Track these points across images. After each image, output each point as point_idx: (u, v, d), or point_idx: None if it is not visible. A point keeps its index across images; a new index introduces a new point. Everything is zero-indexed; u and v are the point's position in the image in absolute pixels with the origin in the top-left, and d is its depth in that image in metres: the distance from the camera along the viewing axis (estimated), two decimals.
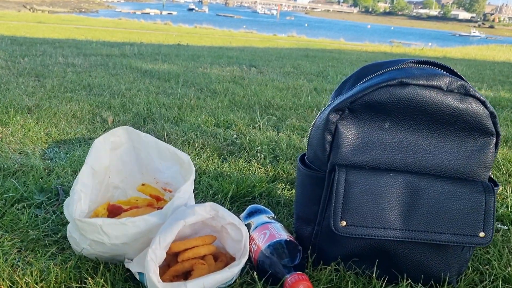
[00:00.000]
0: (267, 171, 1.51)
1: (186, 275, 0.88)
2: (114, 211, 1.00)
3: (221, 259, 0.92)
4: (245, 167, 1.53)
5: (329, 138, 0.91)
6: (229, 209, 1.24)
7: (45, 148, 1.65)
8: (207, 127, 2.00)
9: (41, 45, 5.02)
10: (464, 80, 0.88)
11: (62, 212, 1.18)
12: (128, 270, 0.91)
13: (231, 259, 0.92)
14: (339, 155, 0.90)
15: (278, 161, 1.62)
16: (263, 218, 1.04)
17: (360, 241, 0.91)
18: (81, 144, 1.70)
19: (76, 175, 1.26)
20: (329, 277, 0.93)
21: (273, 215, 1.09)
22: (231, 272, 0.81)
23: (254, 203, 1.29)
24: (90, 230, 0.85)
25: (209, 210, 0.85)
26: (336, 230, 0.88)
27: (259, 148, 1.73)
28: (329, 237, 0.94)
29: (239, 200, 1.29)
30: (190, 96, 2.63)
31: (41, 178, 1.37)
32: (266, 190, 1.35)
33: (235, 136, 1.88)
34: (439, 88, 0.86)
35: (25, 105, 2.14)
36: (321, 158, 0.92)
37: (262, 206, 1.11)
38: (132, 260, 0.91)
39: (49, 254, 0.98)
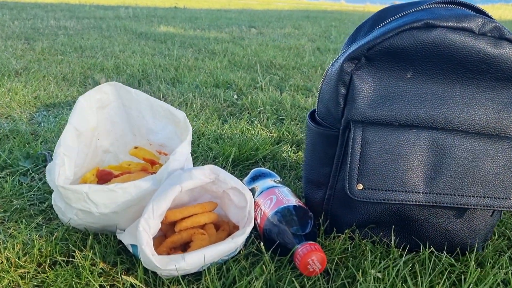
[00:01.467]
0: (270, 133, 1.41)
1: (184, 247, 0.79)
2: (104, 177, 0.90)
3: (223, 228, 0.82)
4: (247, 128, 1.42)
5: (343, 90, 0.80)
6: (231, 174, 1.14)
7: (33, 112, 1.55)
8: (205, 88, 1.88)
9: (32, 9, 4.84)
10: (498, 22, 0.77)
11: None
12: (120, 242, 0.82)
13: (234, 228, 0.83)
14: (354, 109, 0.79)
15: (282, 122, 1.51)
16: (268, 182, 0.95)
17: (378, 206, 0.82)
18: (71, 107, 1.59)
19: None
20: (343, 246, 0.84)
21: (279, 178, 1.00)
22: (235, 242, 0.72)
23: (258, 167, 1.19)
24: (75, 198, 0.75)
25: (208, 174, 0.75)
26: (352, 194, 0.78)
27: (262, 108, 1.63)
28: (343, 202, 0.85)
29: (241, 164, 1.19)
30: (187, 57, 2.50)
31: (28, 143, 1.27)
32: (270, 153, 1.25)
33: (235, 96, 1.77)
34: (470, 30, 0.75)
35: (13, 68, 2.02)
36: (334, 114, 0.82)
37: (267, 169, 1.02)
38: (124, 231, 0.82)
39: (34, 225, 0.89)
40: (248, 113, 1.59)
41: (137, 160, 0.97)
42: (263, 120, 1.51)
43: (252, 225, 0.75)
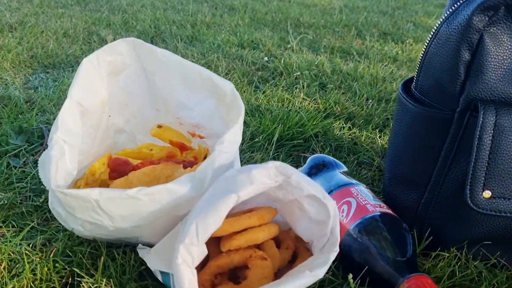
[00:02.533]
0: (316, 104, 1.16)
1: (234, 273, 0.57)
2: (118, 168, 0.67)
3: (287, 244, 0.59)
4: (286, 98, 1.18)
5: (466, 56, 0.55)
6: (273, 158, 0.91)
7: (28, 75, 1.30)
8: (229, 47, 1.62)
9: None
10: None
11: None
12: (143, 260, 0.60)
13: (298, 241, 0.60)
14: (482, 83, 0.55)
15: (326, 91, 1.26)
16: (338, 176, 0.71)
17: (504, 219, 0.58)
18: (74, 68, 1.34)
19: None
20: (447, 269, 0.61)
21: (346, 169, 0.76)
22: (315, 276, 0.49)
23: (306, 149, 0.95)
24: (80, 207, 0.52)
25: (274, 175, 0.52)
26: (474, 204, 0.55)
27: (299, 73, 1.37)
28: (448, 210, 0.61)
29: (286, 145, 0.95)
30: (203, 12, 2.21)
31: (21, 113, 1.03)
32: (321, 130, 1.01)
33: (265, 58, 1.51)
34: None
35: (6, 22, 1.76)
36: (447, 89, 0.57)
37: (330, 157, 0.78)
38: (148, 247, 0.59)
39: (25, 231, 0.66)
40: (283, 78, 1.34)
41: (161, 143, 0.74)
42: (303, 87, 1.26)
43: (337, 249, 0.52)
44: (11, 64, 1.35)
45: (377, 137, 1.00)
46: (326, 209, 0.53)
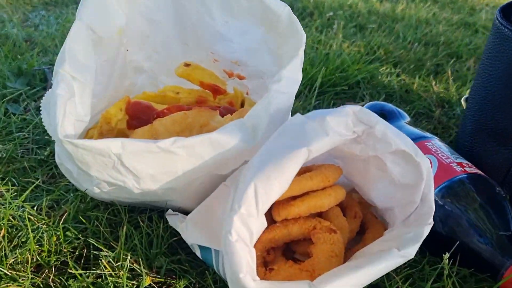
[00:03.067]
0: (357, 47, 1.01)
1: (288, 248, 0.45)
2: (139, 115, 0.54)
3: (353, 211, 0.48)
4: (323, 40, 1.03)
5: None
6: (315, 107, 0.78)
7: (27, 12, 1.15)
8: None
9: None
10: None
11: None
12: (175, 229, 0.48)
13: (368, 211, 0.48)
14: None
15: (364, 33, 1.11)
16: (406, 127, 0.58)
17: None
18: (78, 5, 1.19)
19: None
20: None
21: (409, 119, 0.64)
22: (404, 257, 0.37)
23: (351, 96, 0.82)
24: (97, 163, 0.40)
25: (353, 124, 0.39)
26: None
27: (331, 14, 1.21)
28: None
29: (328, 91, 0.82)
30: None
31: (20, 54, 0.90)
32: (367, 75, 0.87)
33: None
34: None
35: None
36: None
37: (391, 105, 0.65)
38: (180, 213, 0.47)
39: (29, 190, 0.54)
40: (314, 19, 1.18)
41: (189, 86, 0.61)
42: (339, 29, 1.11)
43: (431, 222, 0.39)
44: (7, 0, 1.20)
45: (432, 84, 0.86)
46: (418, 169, 0.40)
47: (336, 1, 1.32)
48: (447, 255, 0.42)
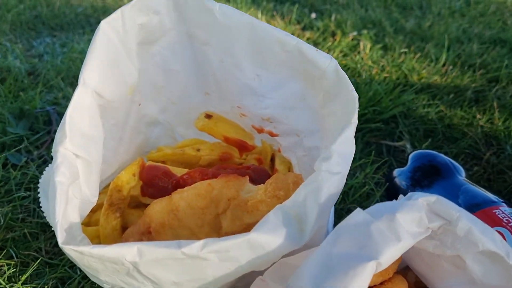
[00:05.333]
0: (388, 73, 0.93)
1: None
2: (155, 181, 0.47)
3: None
4: (349, 66, 0.95)
5: None
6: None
7: (32, 38, 1.08)
8: (266, 2, 1.37)
9: None
10: None
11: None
12: None
13: None
14: None
15: (393, 56, 1.03)
16: (467, 187, 0.50)
17: None
18: (84, 30, 1.12)
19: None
20: None
21: (464, 172, 0.55)
22: None
23: (388, 135, 0.74)
24: (107, 269, 0.32)
25: (428, 219, 0.31)
26: None
27: (355, 33, 1.13)
28: None
29: (362, 129, 0.74)
30: None
31: (22, 90, 0.83)
32: (403, 108, 0.78)
33: (313, 15, 1.27)
34: None
35: None
36: None
37: (442, 155, 0.56)
38: None
39: (31, 269, 0.47)
40: (336, 40, 1.10)
41: (212, 139, 0.53)
42: (365, 52, 1.03)
43: None
44: (11, 26, 1.13)
45: (475, 116, 0.78)
46: (509, 272, 0.32)
47: (359, 18, 1.24)
48: None
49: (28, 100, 0.78)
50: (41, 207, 0.47)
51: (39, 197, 0.57)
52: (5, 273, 0.49)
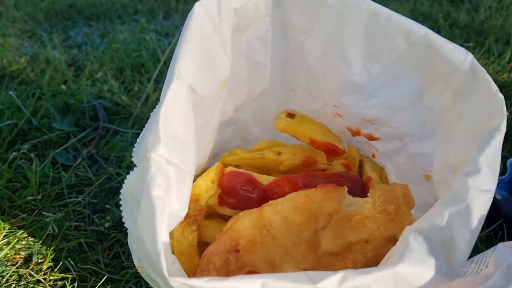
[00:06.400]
0: None
1: None
2: (236, 191, 0.41)
3: None
4: None
5: None
6: None
7: (68, 28, 1.03)
8: None
9: None
10: None
11: (107, 157, 0.60)
12: None
13: None
14: None
15: None
16: None
17: None
18: (123, 19, 1.06)
19: (124, 75, 0.71)
20: None
21: None
22: None
23: None
24: None
25: None
26: None
27: None
28: None
29: None
30: None
31: (64, 82, 0.77)
32: None
33: None
34: None
35: None
36: None
37: None
38: None
39: (90, 285, 0.41)
40: None
41: (293, 140, 0.47)
42: None
43: None
44: (45, 15, 1.08)
45: None
46: None
47: (408, 11, 1.17)
48: None
49: (72, 93, 0.72)
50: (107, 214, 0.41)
51: (94, 194, 0.52)
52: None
